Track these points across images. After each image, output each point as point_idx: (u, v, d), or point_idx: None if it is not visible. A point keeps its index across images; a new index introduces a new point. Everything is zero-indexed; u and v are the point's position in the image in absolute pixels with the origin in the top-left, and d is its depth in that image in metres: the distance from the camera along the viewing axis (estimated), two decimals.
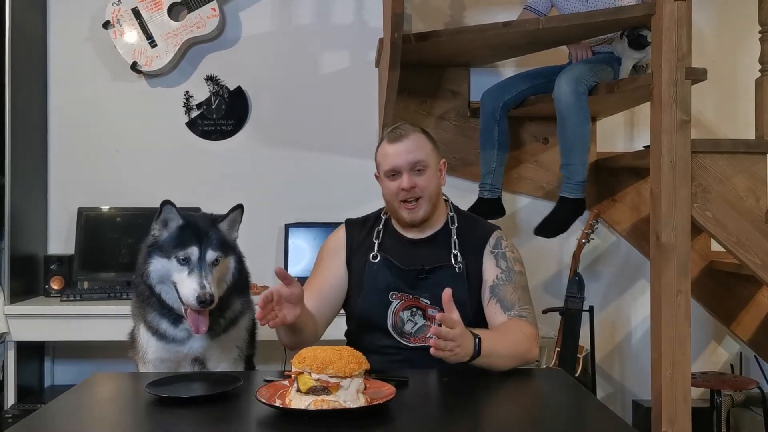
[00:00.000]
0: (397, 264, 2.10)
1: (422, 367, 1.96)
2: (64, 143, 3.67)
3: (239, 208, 2.02)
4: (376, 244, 2.15)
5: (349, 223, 2.26)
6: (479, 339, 1.78)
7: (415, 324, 2.07)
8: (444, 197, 2.23)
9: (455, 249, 2.12)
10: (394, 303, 2.08)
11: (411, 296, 2.08)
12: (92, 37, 3.65)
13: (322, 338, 2.14)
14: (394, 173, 2.10)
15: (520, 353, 1.90)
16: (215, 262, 1.92)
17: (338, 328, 2.99)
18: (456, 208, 2.24)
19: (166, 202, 1.94)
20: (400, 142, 2.10)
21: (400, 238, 2.17)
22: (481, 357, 1.78)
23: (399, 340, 2.07)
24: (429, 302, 2.07)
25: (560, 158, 3.02)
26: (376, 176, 2.21)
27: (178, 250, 1.89)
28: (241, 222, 2.05)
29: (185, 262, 1.89)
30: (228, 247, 1.98)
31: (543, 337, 2.98)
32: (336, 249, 2.21)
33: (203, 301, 1.83)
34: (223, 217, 2.00)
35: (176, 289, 1.90)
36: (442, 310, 1.76)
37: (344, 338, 2.28)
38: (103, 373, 1.92)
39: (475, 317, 2.07)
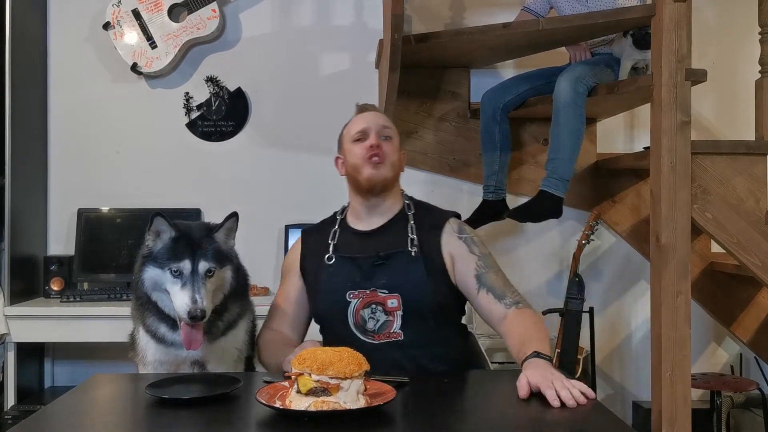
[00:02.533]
0: (351, 256, 2.11)
1: (391, 363, 1.98)
2: (64, 144, 3.67)
3: (234, 216, 1.99)
4: (331, 246, 2.16)
5: (305, 232, 2.29)
6: (548, 357, 1.78)
7: (377, 321, 2.05)
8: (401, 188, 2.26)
9: (412, 233, 2.11)
10: (353, 302, 2.06)
11: (368, 290, 2.05)
12: (92, 38, 3.65)
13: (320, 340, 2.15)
14: (361, 135, 2.15)
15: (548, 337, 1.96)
16: (209, 274, 1.89)
17: None
18: (412, 198, 2.26)
19: (157, 214, 1.91)
20: (368, 112, 2.22)
21: (355, 232, 2.19)
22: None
23: (363, 339, 2.04)
24: (387, 291, 2.04)
25: (548, 153, 3.01)
26: (337, 159, 2.26)
27: (171, 262, 1.87)
28: (237, 230, 2.02)
29: (178, 274, 1.86)
30: (223, 258, 1.95)
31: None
32: (292, 263, 2.25)
33: (194, 317, 1.81)
34: (218, 227, 1.97)
35: (171, 300, 1.88)
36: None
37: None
38: (103, 375, 1.92)
39: (434, 299, 2.05)
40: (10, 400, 3.24)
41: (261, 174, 3.68)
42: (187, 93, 3.68)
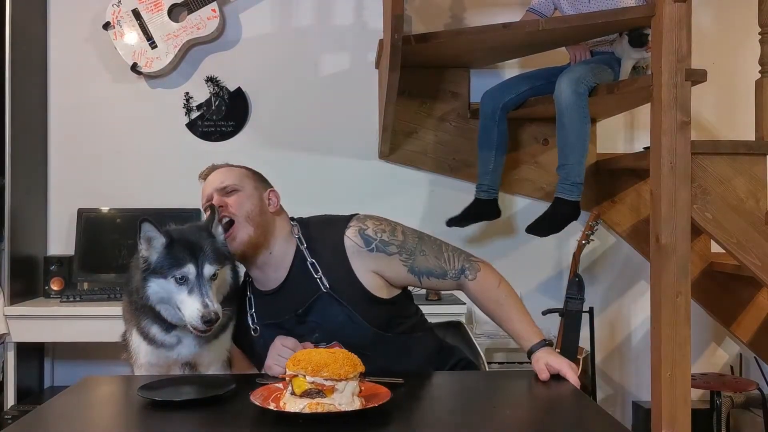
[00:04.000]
0: (273, 322, 1.97)
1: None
2: (64, 144, 3.68)
3: (213, 208, 1.95)
4: (249, 317, 2.02)
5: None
6: (544, 340, 1.89)
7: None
8: (292, 222, 2.06)
9: (317, 273, 1.94)
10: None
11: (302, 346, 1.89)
12: (92, 38, 3.66)
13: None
14: (209, 205, 1.97)
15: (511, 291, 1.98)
16: (214, 277, 1.84)
17: None
18: (300, 225, 2.05)
19: (144, 220, 1.83)
20: (209, 174, 2.06)
21: (265, 294, 2.01)
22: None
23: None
24: (325, 342, 1.90)
25: (558, 159, 3.02)
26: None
27: (174, 269, 1.80)
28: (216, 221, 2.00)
29: (183, 281, 1.80)
30: (223, 257, 1.89)
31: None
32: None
33: (209, 320, 1.76)
34: (210, 222, 1.92)
35: (178, 309, 1.83)
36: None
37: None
38: (93, 377, 1.91)
39: (372, 327, 1.93)
40: (10, 399, 3.25)
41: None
42: (187, 93, 3.68)
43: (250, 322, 2.01)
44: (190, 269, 1.80)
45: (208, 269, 1.81)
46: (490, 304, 1.97)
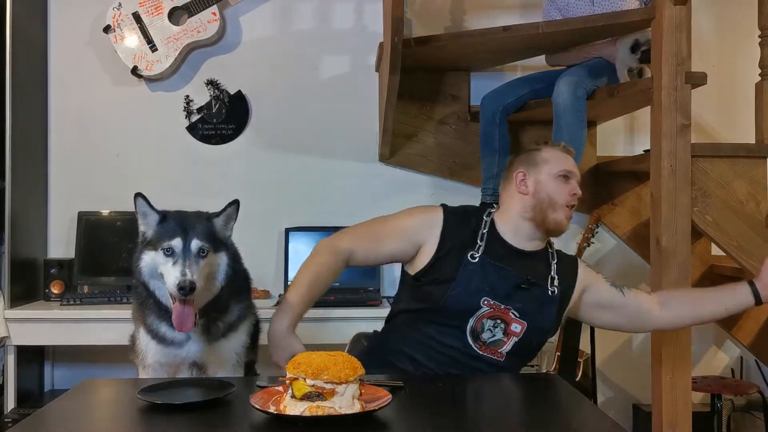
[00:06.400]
0: (499, 265, 2.08)
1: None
2: (65, 147, 3.68)
3: (235, 203, 1.99)
4: (480, 246, 2.10)
5: (449, 212, 2.17)
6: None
7: (493, 335, 2.04)
8: None
9: (554, 272, 2.14)
10: (483, 309, 2.03)
11: (503, 306, 2.04)
12: (93, 41, 3.66)
13: (321, 344, 2.14)
14: (567, 175, 2.15)
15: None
16: (201, 253, 1.89)
17: (338, 332, 3.00)
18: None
19: (138, 195, 1.97)
20: (570, 158, 2.21)
21: (504, 244, 2.14)
22: None
23: (471, 343, 2.03)
24: (517, 315, 2.05)
25: None
26: (525, 175, 2.17)
27: (164, 241, 1.88)
28: (236, 219, 2.01)
29: (170, 253, 1.87)
30: (218, 242, 1.94)
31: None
32: (419, 230, 2.14)
33: (182, 288, 1.80)
34: (217, 214, 1.98)
35: (163, 281, 1.88)
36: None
37: (340, 343, 2.27)
38: (92, 379, 1.90)
39: (550, 336, 2.17)
40: (10, 403, 3.24)
41: (261, 177, 3.68)
42: (188, 96, 3.68)
43: (479, 250, 2.10)
44: (177, 242, 1.88)
45: (195, 244, 1.88)
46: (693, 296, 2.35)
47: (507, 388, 1.85)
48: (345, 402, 1.45)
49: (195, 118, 3.69)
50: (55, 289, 3.43)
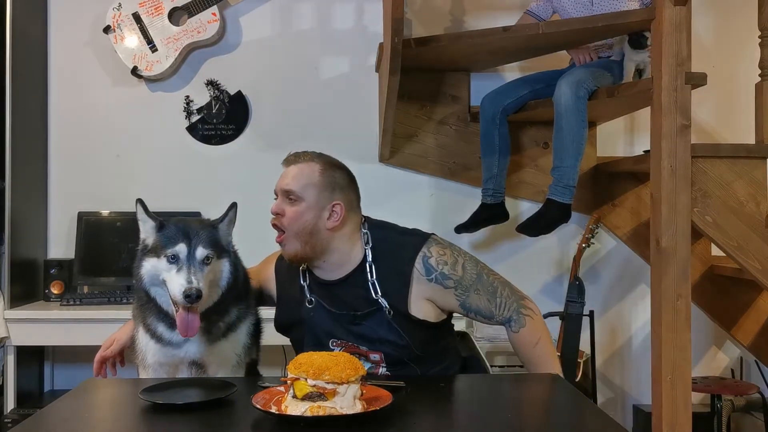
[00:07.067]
0: (329, 309, 1.99)
1: None
2: (65, 148, 3.68)
3: (234, 206, 1.99)
4: (306, 288, 2.03)
5: (280, 259, 2.13)
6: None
7: (365, 365, 1.93)
8: (363, 230, 2.01)
9: (376, 295, 1.94)
10: (336, 349, 1.98)
11: (350, 343, 1.97)
12: (93, 41, 3.66)
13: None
14: (275, 195, 2.03)
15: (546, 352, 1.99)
16: (206, 261, 1.86)
17: None
18: (374, 238, 2.00)
19: (137, 202, 1.95)
20: (288, 166, 2.05)
21: (320, 282, 2.02)
22: None
23: None
24: (367, 347, 1.97)
25: (553, 160, 3.01)
26: None
27: (168, 248, 1.85)
28: (235, 221, 2.02)
29: (174, 260, 1.84)
30: (221, 249, 1.93)
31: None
32: (268, 276, 2.17)
33: (189, 296, 1.78)
34: (220, 220, 1.97)
35: (166, 287, 1.87)
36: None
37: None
38: (94, 379, 1.91)
39: (415, 350, 1.97)
40: (10, 403, 3.24)
41: (261, 177, 3.65)
42: (188, 96, 3.68)
43: (307, 293, 2.03)
44: (181, 248, 1.84)
45: (201, 251, 1.85)
46: (522, 358, 2.02)
47: (508, 388, 1.85)
48: (346, 402, 1.45)
49: (195, 118, 3.69)
50: (55, 290, 3.43)
